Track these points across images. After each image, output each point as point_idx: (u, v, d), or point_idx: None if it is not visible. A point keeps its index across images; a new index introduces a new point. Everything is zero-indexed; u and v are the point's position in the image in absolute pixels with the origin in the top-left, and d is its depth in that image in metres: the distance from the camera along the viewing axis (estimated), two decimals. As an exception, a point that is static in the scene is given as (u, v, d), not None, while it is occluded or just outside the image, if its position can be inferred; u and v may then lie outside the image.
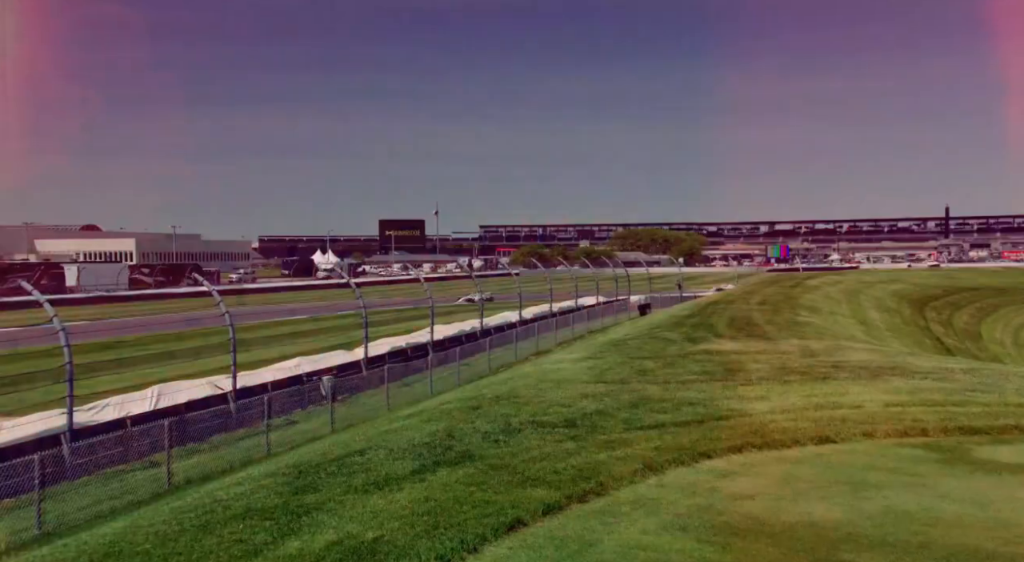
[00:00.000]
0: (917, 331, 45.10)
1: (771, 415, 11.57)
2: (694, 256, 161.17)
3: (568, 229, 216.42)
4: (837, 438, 10.01)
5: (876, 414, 11.48)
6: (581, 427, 10.87)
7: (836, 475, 8.30)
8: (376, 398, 22.46)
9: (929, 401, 12.68)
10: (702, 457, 9.10)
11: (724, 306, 36.44)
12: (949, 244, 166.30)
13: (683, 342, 23.48)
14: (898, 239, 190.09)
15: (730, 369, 17.24)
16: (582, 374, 17.16)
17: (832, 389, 14.12)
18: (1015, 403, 12.39)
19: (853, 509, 7.11)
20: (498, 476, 8.33)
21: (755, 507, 7.22)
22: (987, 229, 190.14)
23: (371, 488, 8.11)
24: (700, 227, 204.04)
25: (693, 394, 13.68)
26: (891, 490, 7.70)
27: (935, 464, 8.76)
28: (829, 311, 40.66)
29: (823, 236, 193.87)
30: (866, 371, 16.71)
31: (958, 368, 18.32)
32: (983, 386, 14.56)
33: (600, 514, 7.11)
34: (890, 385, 14.65)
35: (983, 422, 10.67)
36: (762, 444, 9.69)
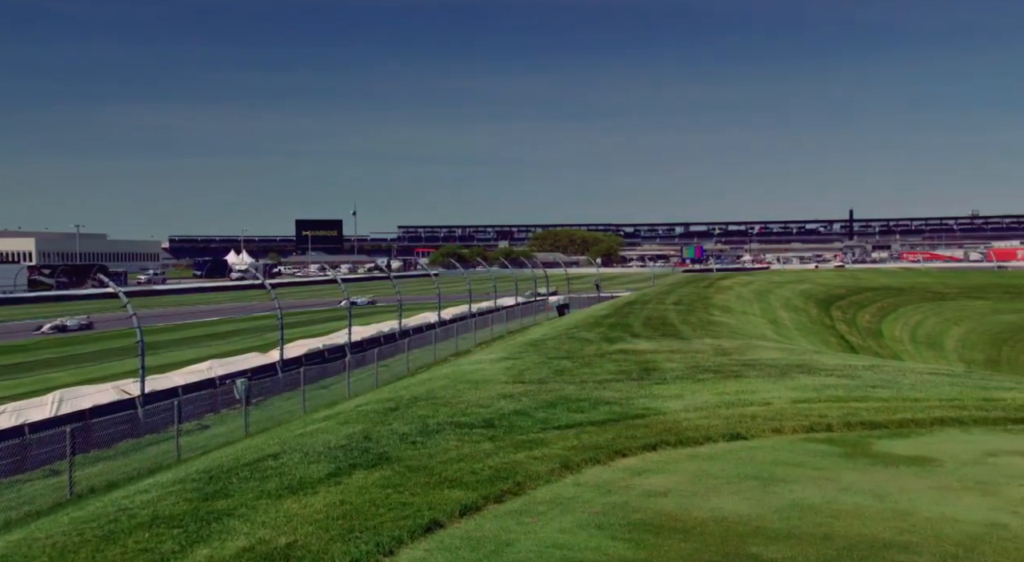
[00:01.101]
0: (823, 330, 46.78)
1: (685, 413, 11.82)
2: (612, 257, 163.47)
3: (487, 230, 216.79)
4: (747, 434, 10.27)
5: (784, 411, 11.84)
6: (499, 427, 10.90)
7: (746, 470, 8.51)
8: (292, 401, 22.06)
9: (833, 397, 13.16)
10: (618, 455, 9.22)
11: (640, 306, 37.06)
12: (853, 245, 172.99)
13: (600, 342, 23.79)
14: (806, 241, 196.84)
15: (646, 368, 17.55)
16: (500, 374, 17.21)
17: (743, 387, 14.52)
18: (911, 398, 12.97)
19: (761, 503, 7.30)
20: (415, 478, 8.28)
21: (668, 503, 7.35)
22: (888, 231, 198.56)
23: (285, 492, 7.96)
24: (618, 228, 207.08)
25: (610, 393, 13.87)
26: (797, 484, 7.93)
27: (838, 458, 9.08)
28: (741, 311, 41.79)
29: (736, 237, 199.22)
30: (775, 369, 17.24)
31: (860, 365, 19.08)
32: (883, 382, 15.19)
33: (517, 514, 7.13)
34: (797, 382, 15.15)
35: (882, 417, 11.12)
36: (676, 441, 9.87)
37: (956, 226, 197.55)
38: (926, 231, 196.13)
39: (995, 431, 10.42)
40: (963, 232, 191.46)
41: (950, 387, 14.65)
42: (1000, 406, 11.92)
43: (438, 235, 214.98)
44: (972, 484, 7.84)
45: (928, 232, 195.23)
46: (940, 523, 6.65)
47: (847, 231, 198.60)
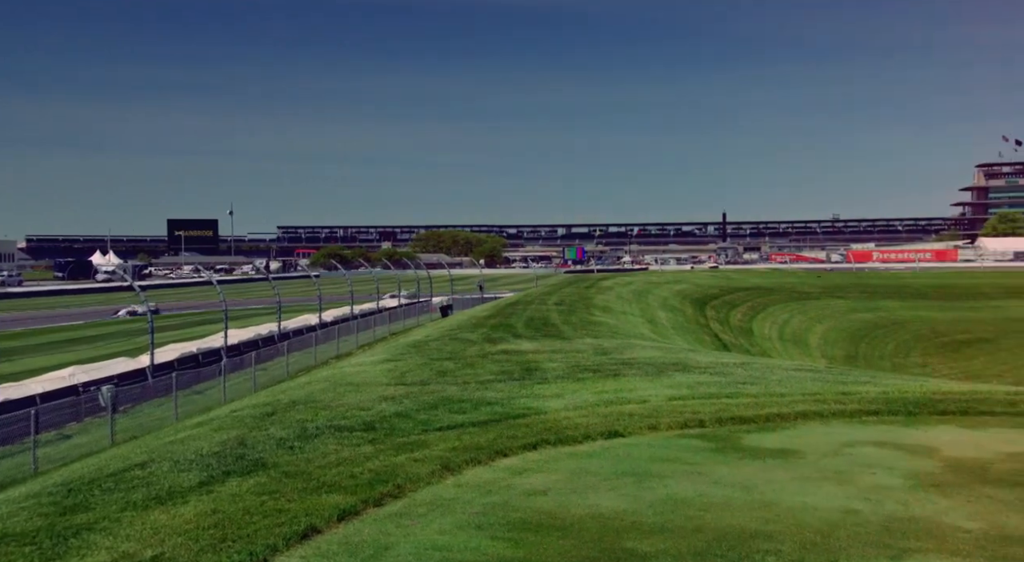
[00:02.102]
0: (698, 328, 48.48)
1: (565, 412, 12.00)
2: (495, 258, 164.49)
3: (370, 230, 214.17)
4: (625, 432, 10.51)
5: (660, 408, 12.18)
6: (380, 430, 10.77)
7: (623, 467, 8.72)
8: (164, 407, 21.18)
9: (706, 394, 13.64)
10: (499, 455, 9.27)
11: (523, 307, 37.42)
12: (726, 247, 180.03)
13: (483, 343, 23.88)
14: (683, 242, 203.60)
15: (528, 368, 17.73)
16: (382, 376, 17.03)
17: (621, 385, 14.87)
18: (777, 393, 13.60)
19: (637, 499, 7.49)
20: (292, 483, 8.07)
21: (547, 502, 7.44)
22: (758, 234, 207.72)
23: (152, 503, 7.61)
24: (501, 229, 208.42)
25: (491, 394, 13.94)
26: (672, 479, 8.18)
27: (710, 453, 9.41)
28: (621, 311, 42.80)
29: (616, 239, 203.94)
30: (652, 367, 17.75)
31: (732, 363, 19.88)
32: (752, 379, 15.87)
33: (397, 517, 7.07)
34: (673, 380, 15.64)
35: (751, 412, 11.60)
36: (556, 440, 10.00)
37: (819, 229, 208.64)
38: (792, 234, 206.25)
39: (852, 423, 11.04)
40: (825, 235, 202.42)
41: (812, 382, 15.43)
42: (856, 399, 12.64)
43: (319, 236, 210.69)
44: (830, 474, 8.29)
45: (794, 234, 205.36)
46: (801, 512, 7.00)
47: (721, 233, 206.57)
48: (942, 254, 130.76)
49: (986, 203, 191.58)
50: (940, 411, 11.68)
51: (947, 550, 6.02)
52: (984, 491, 7.54)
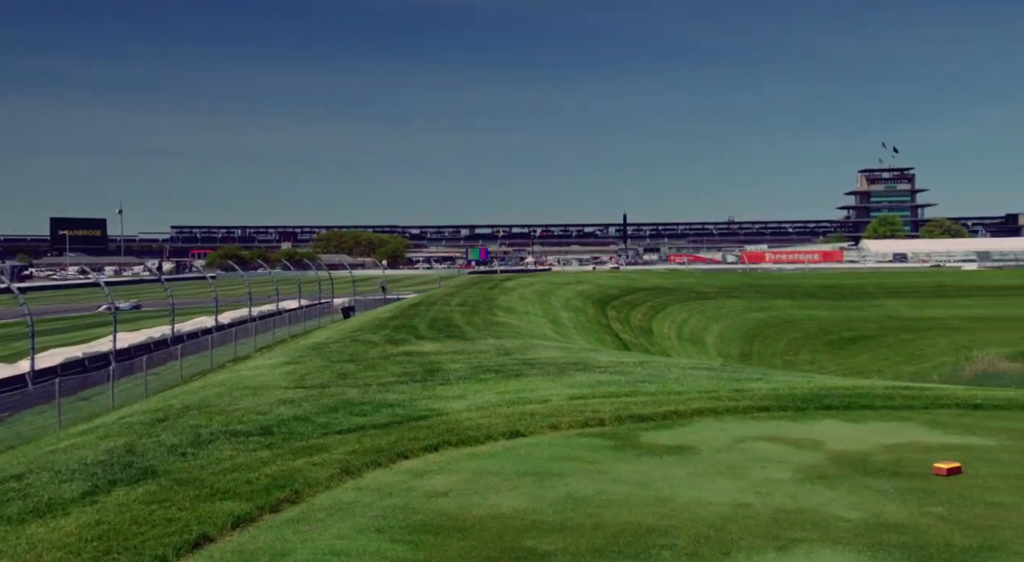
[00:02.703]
0: (600, 328, 49.27)
1: (467, 413, 11.99)
2: (398, 258, 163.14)
3: (269, 231, 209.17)
4: (526, 432, 10.57)
5: (561, 407, 12.31)
6: (277, 434, 10.52)
7: (524, 467, 8.77)
8: (46, 415, 20.14)
9: (607, 393, 13.86)
10: (400, 458, 9.19)
11: (426, 308, 37.24)
12: (627, 248, 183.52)
13: (385, 344, 23.64)
14: (585, 243, 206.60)
15: (430, 370, 17.64)
16: (281, 380, 16.66)
17: (523, 385, 14.97)
18: (674, 391, 13.94)
19: (538, 498, 7.55)
20: (184, 491, 7.79)
21: (448, 503, 7.42)
22: (657, 235, 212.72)
23: (29, 517, 7.21)
24: (404, 230, 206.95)
25: (393, 396, 13.81)
26: (572, 477, 8.27)
27: (609, 451, 9.56)
28: (524, 311, 43.09)
29: (519, 240, 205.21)
30: (554, 367, 17.92)
31: (631, 362, 20.27)
32: (650, 377, 16.22)
33: (294, 522, 6.92)
34: (574, 379, 15.83)
35: (649, 410, 11.85)
36: (457, 441, 9.98)
37: (715, 231, 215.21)
38: (690, 235, 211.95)
39: (744, 419, 11.41)
40: (721, 236, 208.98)
41: (708, 380, 15.88)
42: (749, 396, 13.07)
43: (215, 236, 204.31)
44: (724, 469, 8.54)
45: (692, 236, 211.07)
46: (695, 506, 7.20)
47: (621, 235, 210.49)
48: (829, 255, 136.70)
49: (868, 207, 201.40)
50: (826, 406, 12.20)
51: (830, 539, 6.29)
52: (864, 481, 7.91)
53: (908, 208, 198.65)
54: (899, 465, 8.55)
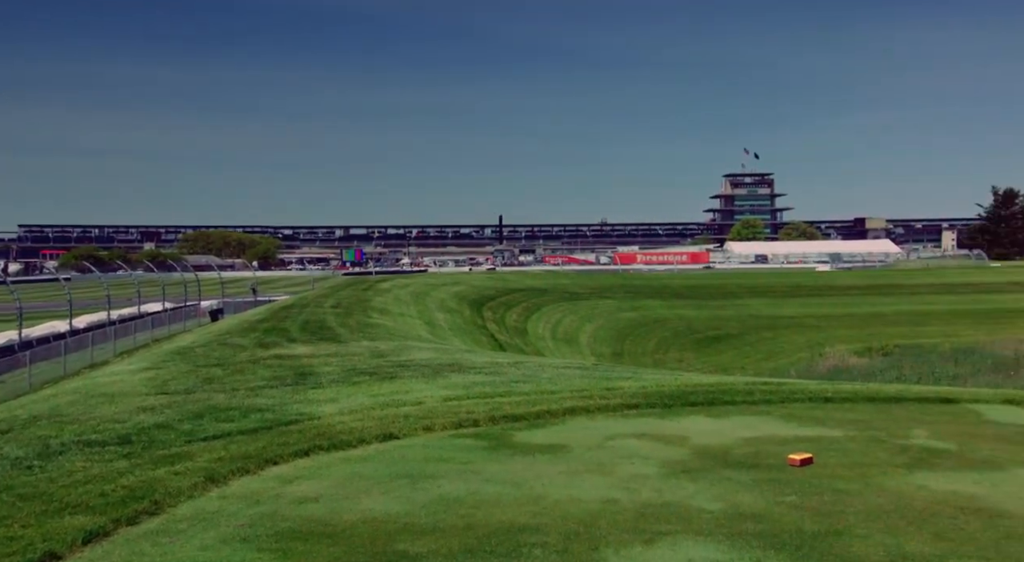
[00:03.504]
0: (475, 329, 49.43)
1: (339, 416, 11.79)
2: (270, 259, 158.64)
3: (130, 230, 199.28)
4: (400, 434, 10.49)
5: (435, 409, 12.28)
6: (137, 443, 10.04)
7: (397, 470, 8.70)
8: None
9: (481, 394, 13.93)
10: (268, 464, 8.94)
11: (299, 310, 36.39)
12: (503, 249, 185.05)
13: (255, 348, 22.95)
14: (461, 244, 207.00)
15: (301, 373, 17.25)
16: (141, 386, 15.90)
17: (397, 387, 14.85)
18: (548, 391, 14.15)
19: (410, 501, 7.50)
20: (29, 507, 7.31)
21: (318, 509, 7.27)
22: (533, 236, 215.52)
23: None
24: (276, 230, 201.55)
25: (262, 401, 13.42)
26: (445, 479, 8.27)
27: (483, 451, 9.61)
28: (399, 312, 42.75)
29: (395, 241, 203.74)
30: (429, 369, 17.86)
31: (506, 362, 20.45)
32: (524, 377, 16.41)
33: (154, 534, 6.61)
34: (449, 381, 15.83)
35: (523, 409, 11.98)
36: (329, 446, 9.80)
37: (589, 233, 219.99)
38: (565, 237, 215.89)
39: (615, 417, 11.71)
40: (595, 238, 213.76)
41: (580, 379, 16.21)
42: (619, 394, 13.42)
43: (70, 236, 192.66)
44: (594, 466, 8.74)
45: (566, 237, 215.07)
46: (566, 504, 7.33)
47: (497, 236, 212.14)
48: (697, 257, 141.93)
49: (732, 210, 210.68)
50: (691, 403, 12.67)
51: (693, 530, 6.53)
52: (725, 474, 8.27)
53: (768, 211, 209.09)
54: (757, 457, 8.97)
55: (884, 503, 7.21)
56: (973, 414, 11.92)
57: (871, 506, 7.13)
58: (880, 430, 10.47)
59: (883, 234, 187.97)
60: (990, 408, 12.39)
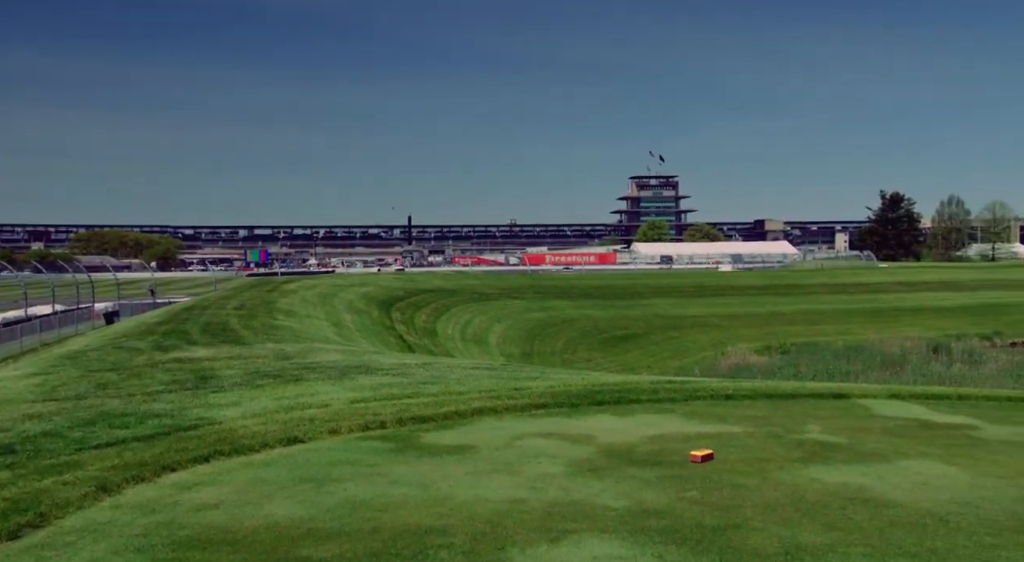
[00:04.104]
0: (384, 331, 48.96)
1: (242, 421, 11.48)
2: (170, 260, 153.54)
3: (16, 230, 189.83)
4: (305, 437, 10.29)
5: (341, 411, 12.10)
6: (21, 453, 9.53)
7: (302, 474, 8.53)
8: None
9: (389, 395, 13.79)
10: (166, 471, 8.62)
11: (200, 312, 35.32)
12: (412, 250, 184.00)
13: (152, 351, 22.15)
14: (369, 245, 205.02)
15: (202, 377, 16.75)
16: (27, 392, 15.13)
17: (303, 390, 14.57)
18: (456, 391, 14.12)
19: (315, 505, 7.36)
20: (-99, 524, 6.85)
21: (219, 516, 7.06)
22: (442, 237, 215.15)
23: None
24: (176, 230, 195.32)
25: (160, 406, 12.95)
26: (351, 482, 8.15)
27: (390, 453, 9.52)
28: (305, 314, 41.97)
29: (302, 241, 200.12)
30: (335, 370, 17.59)
31: (414, 363, 20.32)
32: (433, 378, 16.34)
33: (38, 549, 6.29)
34: (356, 383, 15.62)
35: (431, 411, 11.92)
36: (231, 451, 9.53)
37: (498, 233, 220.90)
38: (474, 237, 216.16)
39: (522, 417, 11.77)
40: (504, 239, 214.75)
41: (488, 379, 16.24)
42: (527, 394, 13.50)
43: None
44: (501, 466, 8.76)
45: (476, 238, 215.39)
46: (473, 504, 7.32)
47: (406, 236, 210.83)
48: (604, 257, 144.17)
49: (638, 211, 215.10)
50: (598, 402, 12.84)
51: (597, 528, 6.62)
52: (629, 472, 8.41)
53: (673, 213, 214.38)
54: (660, 455, 9.16)
55: (780, 496, 7.47)
56: (862, 409, 12.47)
57: (768, 499, 7.37)
58: (777, 426, 10.84)
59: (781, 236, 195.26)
60: (878, 403, 13.00)
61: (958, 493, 7.60)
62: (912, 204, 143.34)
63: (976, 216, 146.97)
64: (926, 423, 11.36)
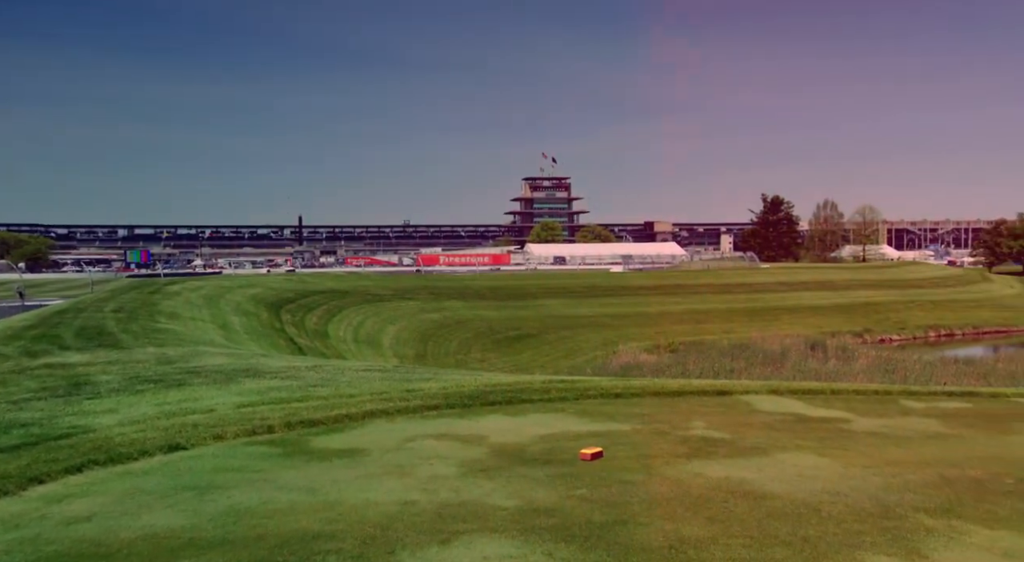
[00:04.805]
0: (273, 333, 47.71)
1: (119, 428, 10.97)
2: (41, 261, 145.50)
3: None
4: (188, 444, 9.92)
5: (227, 416, 11.72)
6: None
7: (183, 482, 8.22)
8: None
9: (277, 399, 13.44)
10: (32, 483, 8.15)
11: (74, 315, 33.58)
12: (303, 251, 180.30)
13: (20, 356, 20.92)
14: (258, 245, 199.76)
15: (76, 383, 15.92)
16: None
17: (186, 395, 14.04)
18: (347, 394, 13.90)
19: (197, 514, 7.11)
20: None
21: (91, 529, 6.72)
22: (334, 237, 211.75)
23: None
24: (48, 229, 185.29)
25: (28, 414, 12.23)
26: (236, 489, 7.91)
27: (278, 458, 9.29)
28: (190, 316, 40.53)
29: (186, 241, 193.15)
30: (221, 375, 17.03)
31: (304, 366, 19.89)
32: (323, 381, 16.03)
33: None
34: (243, 387, 15.17)
35: (321, 414, 11.69)
36: (106, 460, 9.09)
37: (392, 234, 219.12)
38: (367, 238, 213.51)
39: (414, 419, 11.68)
40: (398, 239, 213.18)
41: (380, 382, 16.06)
42: (419, 396, 13.41)
43: None
44: (392, 468, 8.67)
45: (369, 239, 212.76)
46: (363, 508, 7.22)
47: (297, 237, 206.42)
48: (498, 258, 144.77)
49: (532, 212, 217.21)
50: (490, 402, 12.87)
51: (488, 528, 6.64)
52: (520, 471, 8.47)
53: (566, 214, 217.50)
54: (551, 454, 9.26)
55: (665, 491, 7.67)
56: (744, 405, 12.96)
57: (654, 495, 7.55)
58: (664, 423, 11.14)
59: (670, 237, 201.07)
60: (758, 398, 13.53)
61: (829, 483, 8.00)
62: (791, 207, 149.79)
63: (848, 219, 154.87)
64: (802, 417, 11.90)
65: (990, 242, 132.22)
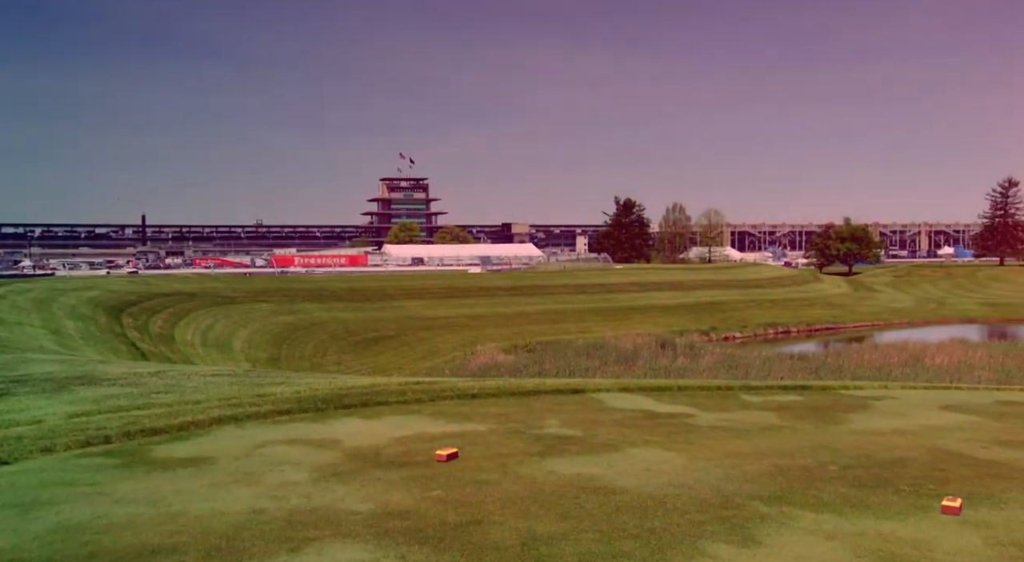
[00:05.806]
0: (113, 338, 45.09)
1: (-69, 444, 10.04)
2: None
3: None
4: (11, 459, 9.21)
5: (58, 427, 10.96)
6: None
7: (4, 500, 7.62)
8: None
9: (115, 407, 12.70)
10: None
11: None
12: (147, 251, 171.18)
13: None
14: (97, 246, 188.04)
15: None
16: None
17: (9, 406, 13.03)
18: (193, 401, 13.30)
19: (20, 533, 6.60)
20: None
21: None
22: (181, 238, 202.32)
23: None
24: None
25: None
26: (66, 504, 7.40)
27: (115, 470, 8.77)
28: (16, 321, 37.75)
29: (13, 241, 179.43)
30: (52, 383, 15.94)
31: (146, 372, 18.87)
32: (167, 387, 15.28)
33: None
34: (77, 395, 14.25)
35: (164, 422, 11.13)
36: (-85, 479, 8.29)
37: (244, 234, 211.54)
38: (217, 238, 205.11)
39: (265, 424, 11.32)
40: (250, 240, 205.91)
41: (229, 387, 15.46)
42: (271, 400, 13.01)
43: None
44: (241, 476, 8.36)
45: (219, 239, 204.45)
46: (209, 519, 6.91)
47: (140, 237, 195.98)
48: (355, 259, 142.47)
49: (389, 213, 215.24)
50: (345, 405, 12.65)
51: (341, 533, 6.50)
52: (375, 474, 8.36)
53: (424, 215, 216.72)
54: (407, 456, 9.20)
55: (520, 490, 7.76)
56: (597, 402, 13.32)
57: (508, 494, 7.63)
58: (519, 422, 11.28)
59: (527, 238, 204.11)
60: (610, 396, 13.94)
61: (675, 476, 8.33)
62: (642, 210, 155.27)
63: (695, 222, 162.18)
64: (651, 413, 12.35)
65: (820, 245, 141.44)
